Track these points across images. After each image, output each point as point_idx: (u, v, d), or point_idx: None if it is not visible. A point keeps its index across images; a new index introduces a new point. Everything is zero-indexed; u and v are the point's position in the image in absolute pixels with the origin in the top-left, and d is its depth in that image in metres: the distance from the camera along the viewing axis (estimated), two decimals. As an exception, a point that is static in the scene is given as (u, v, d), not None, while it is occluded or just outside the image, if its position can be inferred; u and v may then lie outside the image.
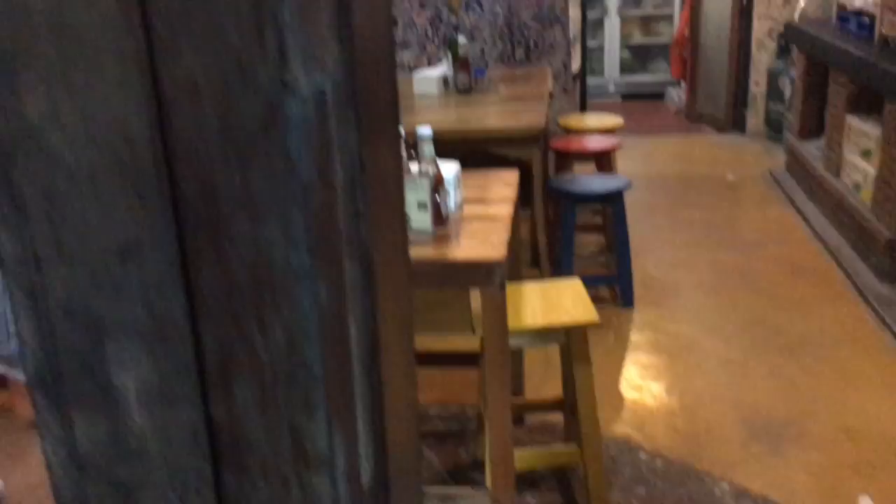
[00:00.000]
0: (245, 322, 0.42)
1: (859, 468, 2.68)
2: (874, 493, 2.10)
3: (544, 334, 2.44)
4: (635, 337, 3.66)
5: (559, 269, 3.78)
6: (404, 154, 2.29)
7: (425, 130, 2.21)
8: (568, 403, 2.73)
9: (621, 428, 2.96)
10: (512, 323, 2.28)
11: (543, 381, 3.21)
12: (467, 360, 3.00)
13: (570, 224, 3.73)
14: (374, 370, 0.45)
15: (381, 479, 0.47)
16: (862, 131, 4.31)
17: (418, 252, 2.15)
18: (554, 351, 2.97)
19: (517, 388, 3.06)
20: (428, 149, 2.22)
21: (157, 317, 0.43)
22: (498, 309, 2.16)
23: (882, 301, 3.69)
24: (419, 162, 2.24)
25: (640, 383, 3.27)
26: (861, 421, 2.93)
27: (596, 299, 2.51)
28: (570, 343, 2.42)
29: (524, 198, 3.20)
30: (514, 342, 2.36)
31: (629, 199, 3.92)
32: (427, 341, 2.94)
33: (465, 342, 2.91)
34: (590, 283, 2.60)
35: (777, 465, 2.72)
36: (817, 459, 2.74)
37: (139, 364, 0.44)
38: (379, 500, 0.47)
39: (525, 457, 2.50)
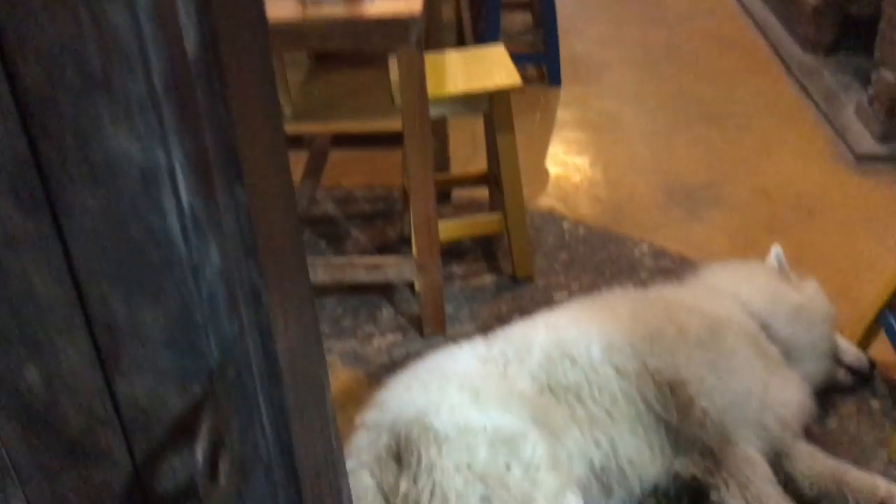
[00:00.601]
0: None
1: (772, 225, 2.78)
2: (785, 247, 2.18)
3: (467, 101, 2.36)
4: (561, 114, 3.62)
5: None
6: None
7: None
8: (492, 175, 2.71)
9: (546, 201, 2.98)
10: (433, 90, 2.19)
11: (470, 159, 3.18)
12: (391, 141, 2.92)
13: (494, -3, 3.55)
14: None
15: (210, 45, 0.39)
16: None
17: (328, 11, 2.01)
18: (480, 129, 2.90)
19: (443, 165, 3.02)
20: None
21: None
22: (416, 72, 2.06)
23: (804, 70, 3.70)
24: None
25: (565, 159, 3.27)
26: (777, 183, 3.01)
27: (523, 79, 2.41)
28: (494, 109, 2.35)
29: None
30: (435, 111, 2.28)
31: (556, -27, 3.72)
32: (350, 125, 2.84)
33: (389, 124, 2.82)
34: (517, 61, 2.48)
35: (695, 226, 2.80)
36: (733, 220, 2.83)
37: None
38: (210, 74, 0.39)
39: (450, 227, 2.50)
